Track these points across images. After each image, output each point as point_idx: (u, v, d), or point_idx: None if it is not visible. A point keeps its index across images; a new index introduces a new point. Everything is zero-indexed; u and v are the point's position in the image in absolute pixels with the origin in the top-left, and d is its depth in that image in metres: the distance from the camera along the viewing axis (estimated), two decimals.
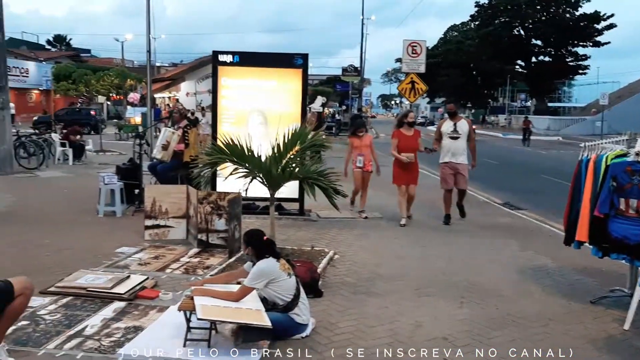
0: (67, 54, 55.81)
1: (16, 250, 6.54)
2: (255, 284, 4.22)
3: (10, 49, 34.72)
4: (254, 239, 4.48)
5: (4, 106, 13.16)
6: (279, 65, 8.77)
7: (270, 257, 4.33)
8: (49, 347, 4.02)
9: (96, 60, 59.94)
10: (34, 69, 41.34)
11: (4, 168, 12.98)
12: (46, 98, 43.41)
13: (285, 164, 6.00)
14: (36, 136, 15.59)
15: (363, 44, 40.83)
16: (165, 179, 9.05)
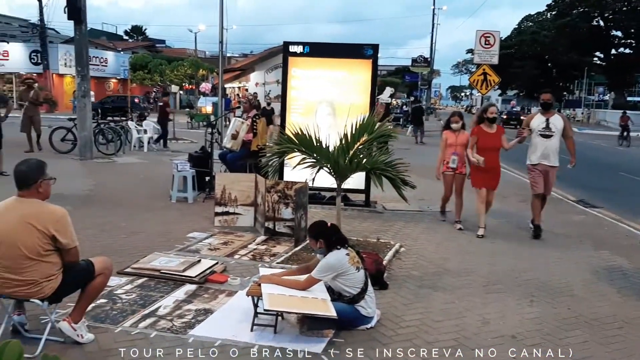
0: (143, 45, 57.89)
1: (95, 231, 6.88)
2: (322, 276, 4.25)
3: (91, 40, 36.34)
4: (318, 230, 4.50)
5: (85, 94, 13.81)
6: (349, 56, 8.76)
7: (341, 249, 4.33)
8: (125, 325, 4.22)
9: (170, 50, 61.80)
10: (112, 59, 43.14)
11: (85, 153, 13.65)
12: (123, 87, 45.22)
13: (353, 154, 6.00)
14: (114, 123, 16.27)
15: (433, 35, 40.17)
16: (234, 168, 9.26)
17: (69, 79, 38.43)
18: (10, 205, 3.65)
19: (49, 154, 13.22)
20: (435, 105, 52.84)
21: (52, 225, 3.56)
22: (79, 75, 13.88)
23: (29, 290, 3.59)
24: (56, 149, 14.38)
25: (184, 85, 39.96)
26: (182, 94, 46.09)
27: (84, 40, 13.78)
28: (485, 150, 7.58)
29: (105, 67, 41.69)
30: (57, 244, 3.60)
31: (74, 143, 14.43)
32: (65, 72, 37.90)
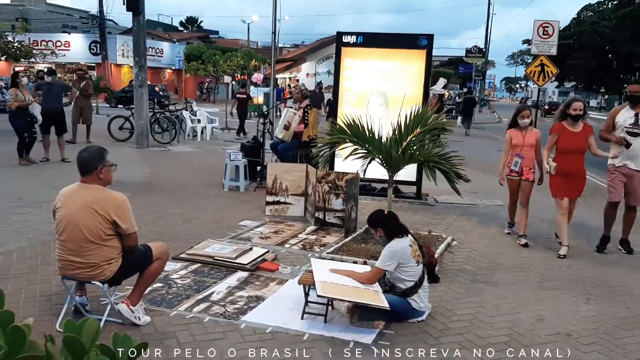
0: (198, 35, 58.85)
1: (152, 217, 7.08)
2: (386, 265, 4.20)
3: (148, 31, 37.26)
4: (377, 219, 4.48)
5: (142, 84, 14.18)
6: (403, 46, 8.66)
7: (403, 238, 4.31)
8: (180, 309, 4.33)
9: (223, 41, 62.66)
10: (168, 49, 44.13)
11: (141, 142, 14.03)
12: (178, 77, 46.23)
13: (406, 146, 5.95)
14: (169, 113, 16.65)
15: (489, 25, 39.23)
16: (285, 158, 9.33)
17: (126, 69, 39.56)
18: (74, 190, 3.80)
19: (107, 142, 13.66)
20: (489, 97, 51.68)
21: (113, 211, 3.68)
22: (136, 66, 14.25)
23: (91, 273, 3.74)
24: (114, 137, 14.84)
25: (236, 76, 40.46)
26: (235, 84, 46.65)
27: (141, 31, 14.13)
28: (566, 152, 6.43)
29: (161, 57, 42.69)
30: (117, 229, 3.73)
31: (131, 132, 14.86)
32: (123, 62, 39.03)
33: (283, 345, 3.84)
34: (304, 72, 36.76)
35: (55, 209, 3.80)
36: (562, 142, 6.48)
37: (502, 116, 37.61)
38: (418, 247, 4.40)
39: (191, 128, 16.96)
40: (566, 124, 6.51)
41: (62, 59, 35.31)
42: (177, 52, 44.42)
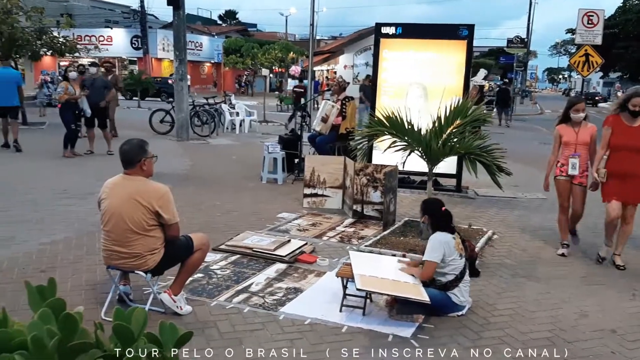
0: (236, 29, 59.30)
1: (192, 209, 7.19)
2: (435, 256, 4.14)
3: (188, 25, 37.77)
4: (432, 208, 4.43)
5: (182, 77, 14.38)
6: (443, 37, 8.54)
7: (445, 232, 4.27)
8: (220, 300, 4.39)
9: (261, 34, 63.00)
10: (207, 43, 44.60)
11: (182, 135, 14.25)
12: (216, 70, 46.72)
13: (446, 138, 5.88)
14: (209, 106, 16.84)
15: (531, 14, 38.26)
16: (323, 150, 9.33)
17: (167, 62, 40.18)
18: (118, 182, 3.88)
19: (148, 134, 13.92)
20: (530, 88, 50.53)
21: (156, 202, 3.75)
22: (176, 59, 14.45)
23: (134, 263, 3.82)
24: (155, 130, 15.11)
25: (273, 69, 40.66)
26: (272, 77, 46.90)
27: (182, 25, 14.31)
28: (620, 149, 5.54)
29: (200, 51, 43.17)
30: (160, 220, 3.79)
31: (172, 125, 15.10)
32: (163, 56, 39.66)
33: (322, 337, 3.85)
34: (342, 64, 36.65)
35: (100, 200, 3.89)
36: (615, 138, 5.56)
37: (544, 108, 36.76)
38: (461, 241, 4.34)
39: (230, 121, 17.13)
40: (623, 117, 5.60)
41: (104, 54, 36.06)
42: (216, 45, 44.84)
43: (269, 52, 33.06)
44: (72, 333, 0.76)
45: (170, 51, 36.62)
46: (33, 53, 17.74)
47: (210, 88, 43.41)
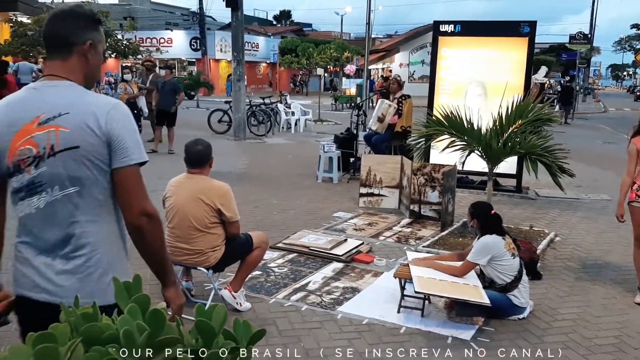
0: (291, 29, 59.75)
1: (250, 207, 7.30)
2: (478, 259, 4.13)
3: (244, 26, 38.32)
4: (481, 211, 4.37)
5: (240, 78, 14.62)
6: (503, 34, 8.35)
7: (494, 235, 4.20)
8: (278, 297, 4.45)
9: (316, 34, 63.24)
10: (263, 44, 45.13)
11: (239, 134, 14.50)
12: (272, 70, 47.23)
13: (507, 137, 5.74)
14: (265, 106, 17.07)
15: (594, 9, 36.86)
16: (379, 149, 9.29)
17: (224, 63, 40.90)
18: (182, 181, 4.00)
19: (206, 134, 14.23)
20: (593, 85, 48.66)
21: (218, 200, 3.84)
22: (234, 60, 14.69)
23: (197, 259, 3.93)
24: (213, 129, 15.43)
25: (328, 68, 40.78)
26: (327, 76, 47.00)
27: (239, 26, 14.54)
28: None
29: (256, 51, 43.73)
30: (221, 217, 3.88)
31: (229, 124, 15.37)
32: (221, 57, 40.37)
33: (380, 337, 3.84)
34: (397, 63, 36.38)
35: (165, 198, 4.02)
36: None
37: (607, 106, 35.36)
38: (512, 240, 4.25)
39: (285, 120, 17.30)
40: None
41: (165, 55, 37.19)
42: (272, 46, 45.29)
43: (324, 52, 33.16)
44: (160, 328, 0.79)
45: (227, 52, 37.29)
46: None
47: (265, 88, 43.92)
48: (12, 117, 1.78)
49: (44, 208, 1.79)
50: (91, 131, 1.76)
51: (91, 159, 1.77)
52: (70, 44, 1.84)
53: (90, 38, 1.87)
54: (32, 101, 1.80)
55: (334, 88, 40.92)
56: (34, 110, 1.76)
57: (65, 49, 1.84)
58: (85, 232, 1.80)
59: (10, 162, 1.76)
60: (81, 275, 1.80)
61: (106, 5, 31.89)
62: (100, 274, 1.82)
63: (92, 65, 1.90)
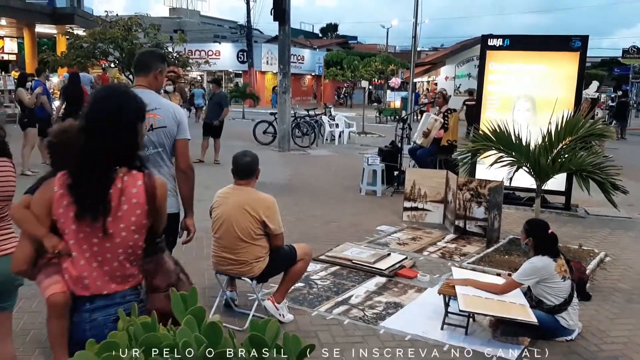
0: (337, 42, 60.09)
1: (294, 218, 7.34)
2: (524, 280, 4.04)
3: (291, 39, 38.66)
4: (537, 230, 4.26)
5: (286, 90, 14.79)
6: (554, 49, 8.19)
7: (546, 256, 4.09)
8: (320, 310, 4.46)
9: (361, 46, 63.35)
10: (308, 56, 45.54)
11: (283, 145, 14.63)
12: (317, 83, 47.54)
13: (557, 154, 5.62)
14: (309, 118, 17.18)
15: None
16: (424, 163, 9.22)
17: (270, 75, 41.41)
18: (229, 192, 4.08)
19: (251, 145, 14.41)
20: None
21: (263, 212, 3.89)
22: (280, 73, 14.88)
23: (241, 269, 3.98)
24: (258, 140, 15.62)
25: (373, 81, 40.79)
26: (371, 89, 47.00)
27: (287, 40, 14.73)
28: None
29: (302, 64, 44.15)
30: (266, 229, 3.93)
31: (274, 135, 15.54)
32: (267, 69, 40.92)
33: (423, 353, 3.80)
34: (443, 76, 36.01)
35: (212, 209, 4.09)
36: None
37: None
38: (565, 262, 4.12)
39: (329, 132, 17.36)
40: None
41: (213, 67, 37.93)
42: (318, 58, 45.64)
43: (369, 64, 33.18)
44: (217, 341, 0.81)
45: (273, 64, 37.74)
46: None
47: (310, 100, 44.22)
48: None
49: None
50: (173, 119, 3.31)
51: (170, 133, 3.30)
52: (150, 68, 3.32)
53: (159, 67, 3.35)
54: None
55: (378, 100, 40.83)
56: None
57: (147, 70, 3.32)
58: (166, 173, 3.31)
59: None
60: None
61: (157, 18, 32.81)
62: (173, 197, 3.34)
63: (159, 83, 3.42)
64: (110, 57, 18.86)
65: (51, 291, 2.19)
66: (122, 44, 17.70)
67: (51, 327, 2.17)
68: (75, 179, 1.99)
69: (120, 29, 17.79)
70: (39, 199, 2.06)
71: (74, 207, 1.96)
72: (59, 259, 2.03)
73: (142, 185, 2.00)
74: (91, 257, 1.99)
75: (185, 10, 56.72)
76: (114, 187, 1.97)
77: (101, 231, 1.96)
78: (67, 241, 1.98)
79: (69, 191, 1.97)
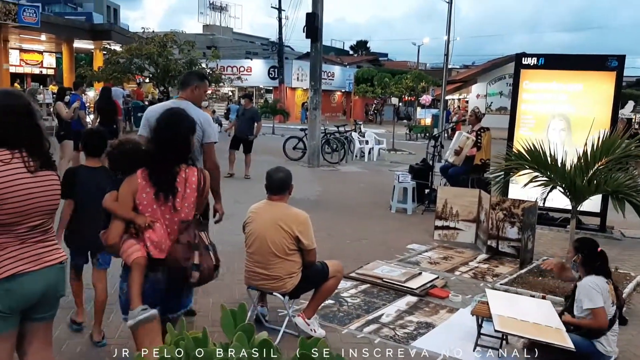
0: (367, 59, 60.32)
1: (323, 235, 7.33)
2: (599, 302, 3.82)
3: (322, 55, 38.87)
4: (587, 246, 4.16)
5: (316, 106, 14.89)
6: (589, 68, 8.10)
7: (601, 276, 3.99)
8: (350, 328, 4.44)
9: (392, 63, 63.46)
10: (338, 73, 45.78)
11: (313, 161, 14.69)
12: (346, 99, 47.71)
13: (592, 175, 5.52)
14: (339, 134, 17.24)
15: None
16: (455, 182, 9.15)
17: (300, 91, 41.75)
18: (262, 207, 4.11)
19: (281, 160, 14.50)
20: None
21: (297, 227, 3.91)
22: (312, 89, 14.99)
23: (274, 285, 3.99)
24: (288, 156, 15.71)
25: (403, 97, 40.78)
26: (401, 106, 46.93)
27: (318, 57, 14.86)
28: None
29: (332, 80, 44.40)
30: (299, 245, 3.95)
31: (304, 151, 15.61)
32: (297, 85, 41.26)
33: None
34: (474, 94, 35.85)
35: (245, 224, 4.13)
36: None
37: None
38: (613, 287, 4.03)
39: (359, 149, 17.38)
40: None
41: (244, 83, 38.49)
42: (348, 75, 45.86)
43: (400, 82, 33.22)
44: (269, 357, 0.83)
45: (303, 80, 38.06)
46: None
47: (339, 116, 44.37)
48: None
49: None
50: (199, 126, 3.68)
51: (196, 137, 3.39)
52: (188, 84, 4.21)
53: (196, 83, 4.22)
54: None
55: (408, 117, 40.71)
56: None
57: (186, 86, 4.23)
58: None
59: None
60: None
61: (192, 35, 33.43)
62: None
63: (196, 96, 4.25)
64: (146, 73, 19.26)
65: (135, 255, 2.86)
66: (157, 59, 18.07)
67: (133, 279, 2.85)
68: (153, 173, 2.86)
69: (155, 45, 18.17)
70: (126, 191, 2.87)
71: (153, 192, 2.84)
72: (144, 231, 2.83)
73: (197, 176, 2.94)
74: (166, 229, 2.87)
75: (219, 27, 57.70)
76: (179, 177, 2.88)
77: (172, 208, 2.86)
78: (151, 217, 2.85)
79: (150, 181, 2.85)
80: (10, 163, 2.34)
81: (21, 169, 2.36)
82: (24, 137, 2.41)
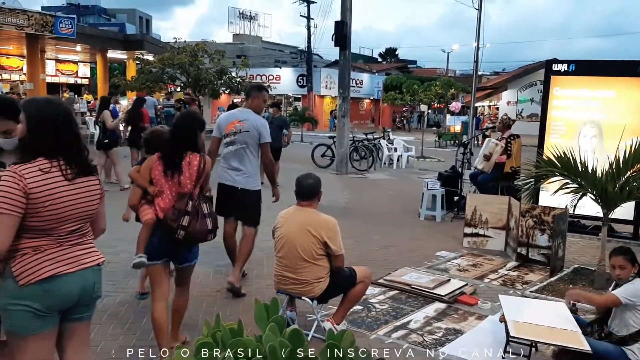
0: (396, 66, 60.27)
1: (351, 241, 7.38)
2: (626, 298, 3.82)
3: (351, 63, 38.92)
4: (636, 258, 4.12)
5: (345, 114, 14.95)
6: (621, 74, 7.97)
7: None
8: (379, 333, 4.47)
9: (420, 70, 63.28)
10: (367, 80, 45.85)
11: (341, 169, 14.75)
12: (375, 107, 47.73)
13: (625, 181, 5.45)
14: (367, 141, 17.26)
15: None
16: (485, 189, 9.09)
17: (328, 99, 41.93)
18: (292, 212, 4.18)
19: (310, 167, 14.60)
20: None
21: (325, 232, 3.97)
22: (340, 97, 15.07)
23: (302, 289, 4.05)
24: (317, 163, 15.81)
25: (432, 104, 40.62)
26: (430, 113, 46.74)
27: (347, 64, 14.93)
28: None
29: (360, 88, 44.48)
30: (327, 250, 4.00)
31: (332, 159, 15.69)
32: (325, 93, 41.45)
33: None
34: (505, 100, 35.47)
35: (275, 229, 4.21)
36: None
37: None
38: None
39: (387, 156, 17.37)
40: None
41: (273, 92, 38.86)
42: (376, 82, 45.88)
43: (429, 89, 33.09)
44: (299, 345, 0.88)
45: (332, 88, 38.21)
46: (214, 92, 19.59)
47: (368, 123, 44.39)
48: (228, 118, 5.32)
49: (234, 151, 5.16)
50: (255, 128, 5.14)
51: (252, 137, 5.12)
52: (249, 95, 5.39)
53: (255, 94, 5.32)
54: (235, 115, 5.32)
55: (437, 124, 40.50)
56: (236, 117, 5.24)
57: (248, 97, 5.42)
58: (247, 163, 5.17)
59: (224, 132, 5.20)
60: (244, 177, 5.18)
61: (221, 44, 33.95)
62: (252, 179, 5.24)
63: (254, 104, 5.31)
64: (177, 82, 19.61)
65: (147, 216, 3.75)
66: (188, 69, 18.39)
67: (142, 234, 3.77)
68: (165, 156, 3.70)
69: (187, 54, 18.49)
70: (145, 167, 3.79)
71: (163, 169, 3.66)
72: (155, 198, 3.67)
73: (199, 160, 3.70)
74: (171, 198, 3.65)
75: (248, 36, 58.41)
76: (185, 161, 3.67)
77: (177, 183, 3.65)
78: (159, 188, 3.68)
79: (162, 161, 3.68)
80: (49, 172, 2.44)
81: (59, 178, 2.46)
82: (63, 146, 2.50)
